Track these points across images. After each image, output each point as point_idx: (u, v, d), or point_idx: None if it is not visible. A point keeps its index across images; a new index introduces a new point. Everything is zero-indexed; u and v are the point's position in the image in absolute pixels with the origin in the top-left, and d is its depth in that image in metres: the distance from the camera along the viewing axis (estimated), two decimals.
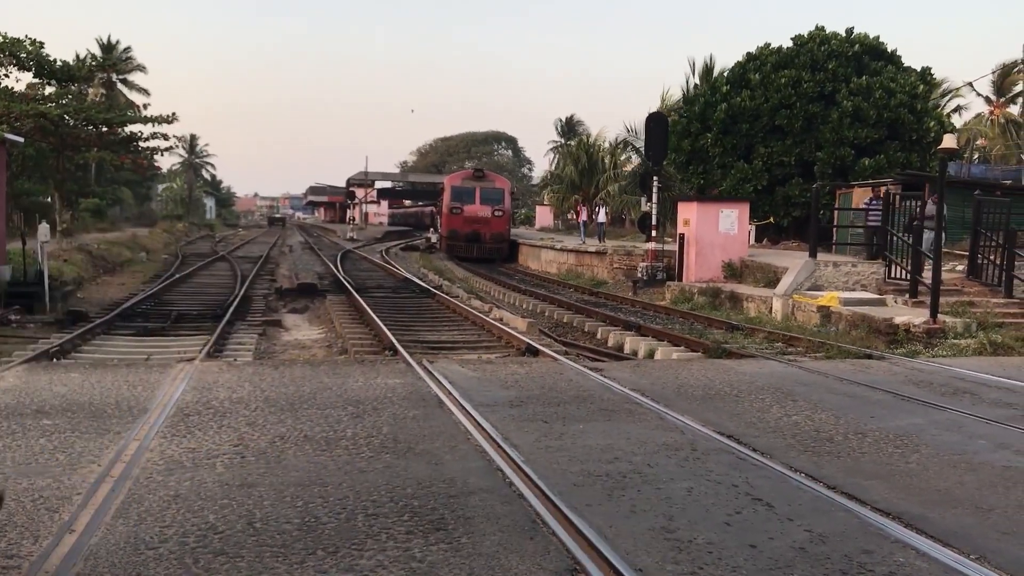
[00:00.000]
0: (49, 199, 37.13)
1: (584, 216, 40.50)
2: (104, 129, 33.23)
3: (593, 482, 5.42)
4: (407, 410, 7.33)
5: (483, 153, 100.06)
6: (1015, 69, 45.85)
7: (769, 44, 32.64)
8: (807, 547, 4.40)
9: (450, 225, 40.78)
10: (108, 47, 60.25)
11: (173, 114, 33.12)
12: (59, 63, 31.14)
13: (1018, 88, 49.40)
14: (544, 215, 64.76)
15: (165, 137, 34.05)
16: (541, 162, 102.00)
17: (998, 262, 16.63)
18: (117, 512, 4.66)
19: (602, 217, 40.19)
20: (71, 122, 31.33)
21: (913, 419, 7.54)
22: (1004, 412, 7.91)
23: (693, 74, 42.32)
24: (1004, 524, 4.88)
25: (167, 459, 5.70)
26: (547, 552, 4.24)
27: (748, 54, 32.81)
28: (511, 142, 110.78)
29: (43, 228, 17.24)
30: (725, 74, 33.98)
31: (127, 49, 61.86)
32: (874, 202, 19.26)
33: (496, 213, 40.76)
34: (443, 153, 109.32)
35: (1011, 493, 5.46)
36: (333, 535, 4.40)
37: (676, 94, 44.46)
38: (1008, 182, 30.60)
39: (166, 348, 12.53)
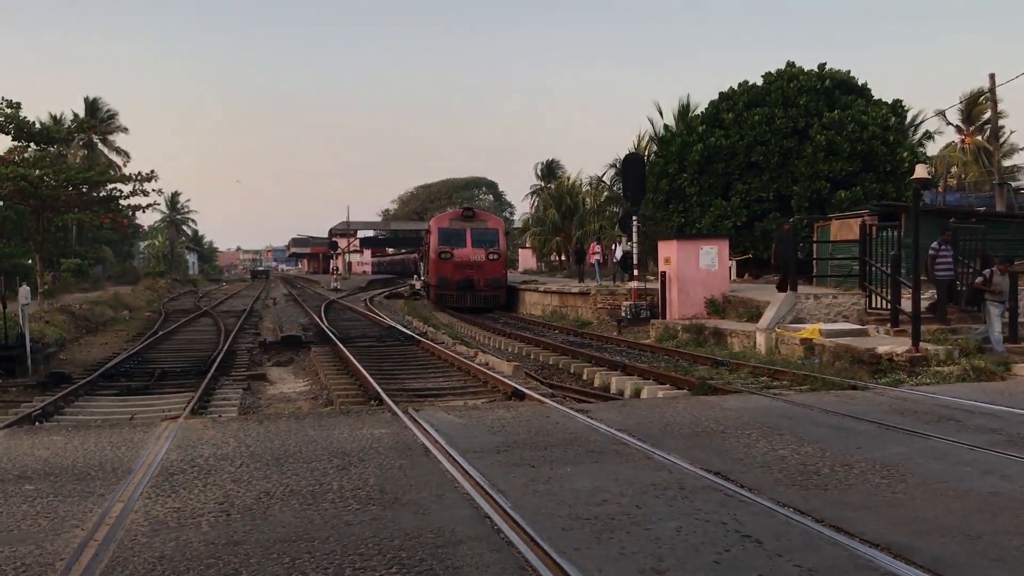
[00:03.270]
0: (30, 261, 36.99)
1: (597, 255, 35.88)
2: (84, 189, 33.25)
3: (582, 525, 5.40)
4: (393, 460, 7.29)
5: (464, 199, 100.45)
6: (981, 98, 46.66)
7: (747, 81, 33.17)
8: None
9: (439, 272, 36.42)
10: (92, 108, 60.53)
11: (152, 171, 33.19)
12: (38, 126, 31.27)
13: (986, 116, 50.20)
14: (526, 258, 64.97)
15: (145, 193, 33.99)
16: (521, 206, 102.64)
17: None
18: None
19: (619, 254, 34.49)
20: (51, 183, 31.34)
21: (899, 448, 7.57)
22: (988, 438, 7.96)
23: (661, 116, 42.82)
24: (992, 551, 4.89)
25: (152, 520, 5.65)
26: None
27: (721, 93, 33.32)
28: (492, 187, 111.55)
29: (23, 290, 17.14)
30: (700, 113, 34.43)
31: (112, 113, 62.15)
32: (944, 248, 15.88)
33: (491, 256, 36.55)
34: (424, 200, 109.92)
35: (998, 519, 5.48)
36: None
37: (638, 140, 44.96)
38: (983, 209, 30.99)
39: (150, 406, 12.42)
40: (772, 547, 4.94)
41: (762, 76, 32.87)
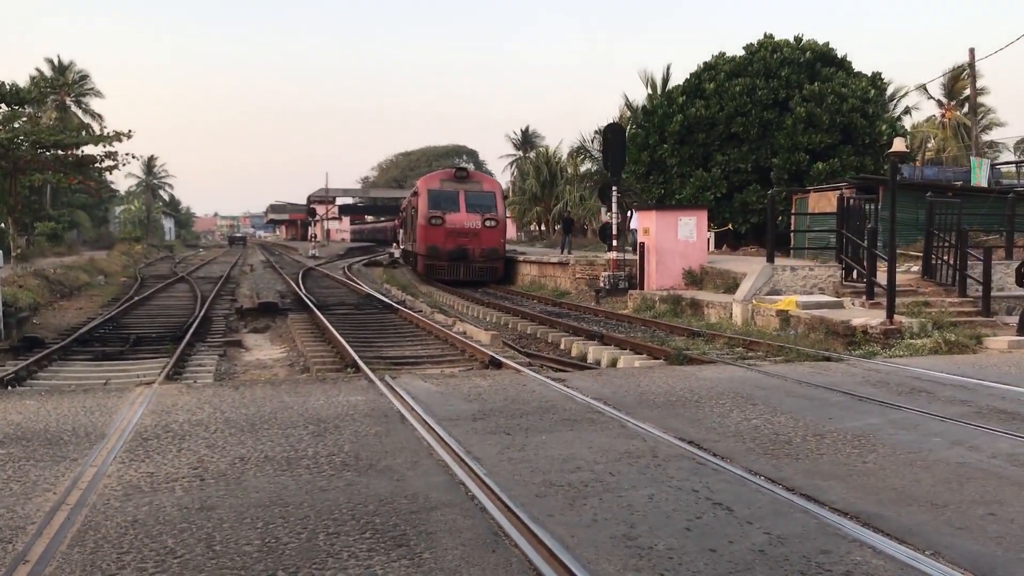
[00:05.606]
0: (2, 224, 36.50)
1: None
2: (60, 152, 32.71)
3: (555, 492, 5.43)
4: (369, 427, 7.30)
5: (445, 167, 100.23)
6: (963, 73, 46.83)
7: (724, 53, 33.09)
8: (766, 549, 4.45)
9: (428, 240, 32.58)
10: (60, 69, 59.54)
11: (129, 131, 32.60)
12: (8, 86, 30.71)
13: (967, 92, 50.42)
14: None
15: (114, 156, 33.40)
16: (500, 176, 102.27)
17: (951, 262, 16.94)
18: (73, 540, 4.59)
19: (634, 223, 27.86)
20: (23, 145, 30.82)
21: (870, 419, 7.66)
22: (958, 409, 8.06)
23: (646, 86, 42.76)
24: (958, 520, 4.97)
25: (125, 484, 5.63)
26: (509, 564, 4.24)
27: (704, 63, 33.22)
28: (472, 155, 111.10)
29: None
30: (680, 84, 34.33)
31: (83, 75, 61.17)
32: None
33: (487, 223, 32.87)
34: (404, 168, 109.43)
35: (964, 489, 5.56)
36: (294, 555, 4.37)
37: (628, 109, 44.76)
38: (959, 183, 31.20)
39: (125, 372, 12.36)
40: (743, 514, 5.00)
41: (743, 47, 32.82)
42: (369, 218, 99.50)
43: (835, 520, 4.91)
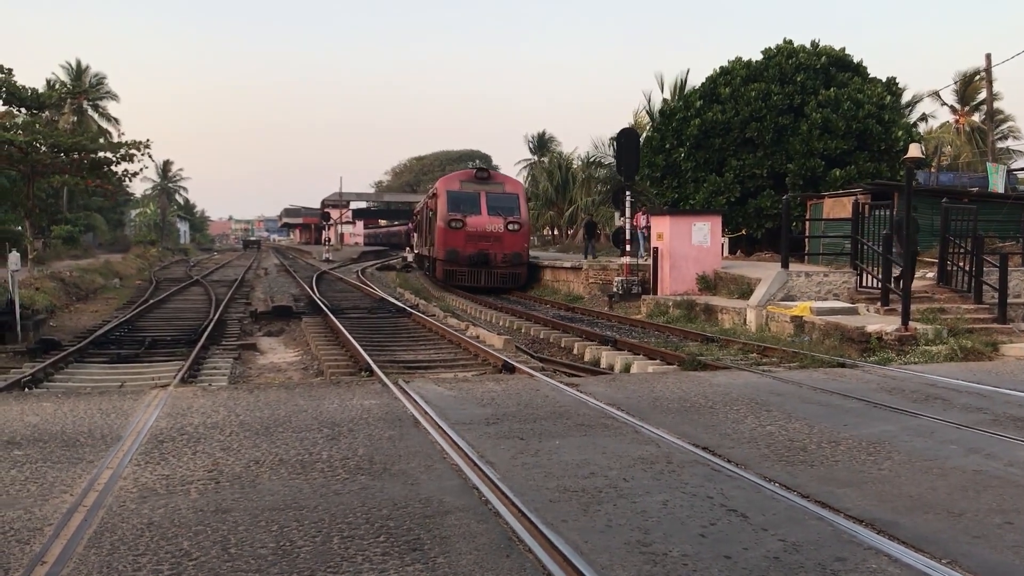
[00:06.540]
0: (20, 227, 36.76)
1: (643, 223, 29.37)
2: (76, 155, 32.97)
3: (569, 498, 5.43)
4: (383, 431, 7.31)
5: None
6: (976, 77, 46.59)
7: (740, 57, 33.03)
8: (781, 556, 4.43)
9: (448, 243, 30.66)
10: (77, 72, 59.95)
11: (148, 140, 32.87)
12: (29, 90, 30.99)
13: (981, 96, 50.09)
14: None
15: (132, 160, 33.63)
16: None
17: (967, 268, 16.85)
18: (90, 542, 4.61)
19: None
20: (41, 148, 31.07)
21: (886, 426, 7.62)
22: (975, 417, 8.01)
23: (662, 89, 42.72)
24: (975, 528, 4.94)
25: (140, 487, 5.66)
26: (523, 569, 4.24)
27: (721, 67, 33.15)
28: (486, 160, 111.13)
29: (13, 257, 17.06)
30: (697, 88, 34.27)
31: (100, 78, 61.58)
32: None
33: (511, 226, 30.83)
34: (418, 172, 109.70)
35: (981, 497, 5.53)
36: (308, 559, 4.38)
37: (647, 113, 44.71)
38: (975, 189, 31.03)
39: (140, 374, 12.42)
40: (757, 521, 4.98)
41: (761, 52, 32.73)
42: (382, 222, 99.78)
43: (850, 527, 4.89)
